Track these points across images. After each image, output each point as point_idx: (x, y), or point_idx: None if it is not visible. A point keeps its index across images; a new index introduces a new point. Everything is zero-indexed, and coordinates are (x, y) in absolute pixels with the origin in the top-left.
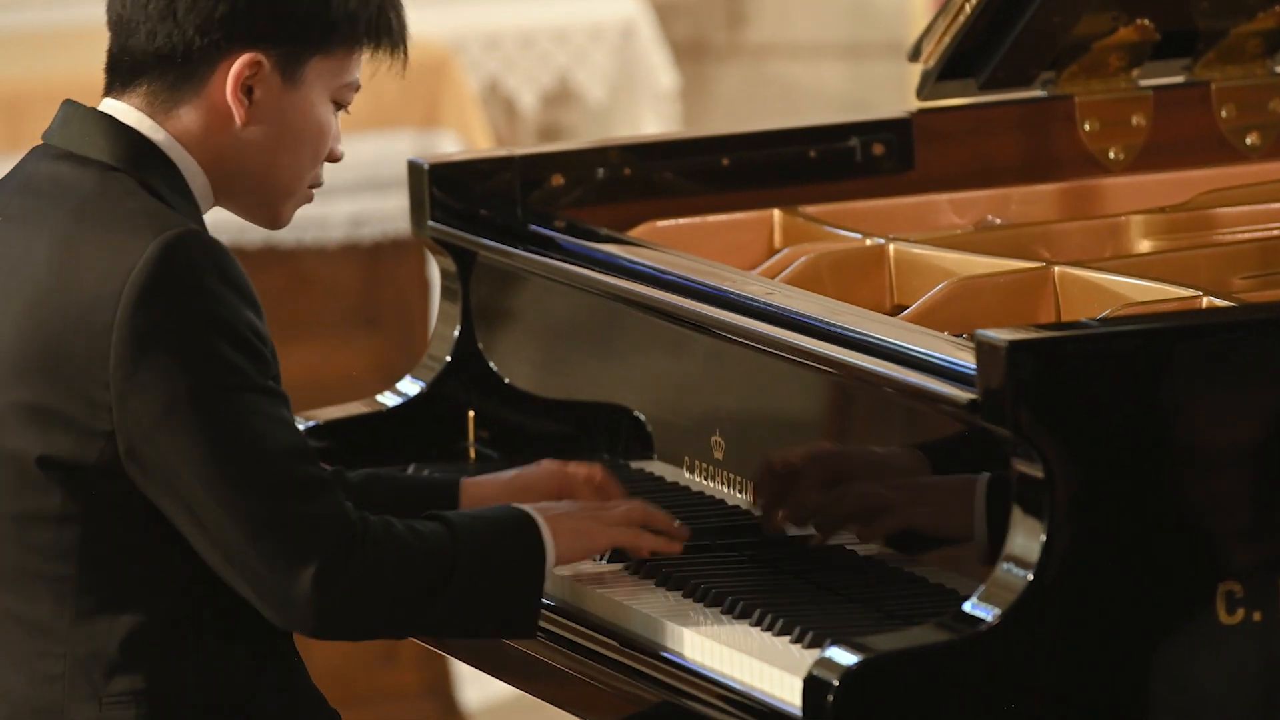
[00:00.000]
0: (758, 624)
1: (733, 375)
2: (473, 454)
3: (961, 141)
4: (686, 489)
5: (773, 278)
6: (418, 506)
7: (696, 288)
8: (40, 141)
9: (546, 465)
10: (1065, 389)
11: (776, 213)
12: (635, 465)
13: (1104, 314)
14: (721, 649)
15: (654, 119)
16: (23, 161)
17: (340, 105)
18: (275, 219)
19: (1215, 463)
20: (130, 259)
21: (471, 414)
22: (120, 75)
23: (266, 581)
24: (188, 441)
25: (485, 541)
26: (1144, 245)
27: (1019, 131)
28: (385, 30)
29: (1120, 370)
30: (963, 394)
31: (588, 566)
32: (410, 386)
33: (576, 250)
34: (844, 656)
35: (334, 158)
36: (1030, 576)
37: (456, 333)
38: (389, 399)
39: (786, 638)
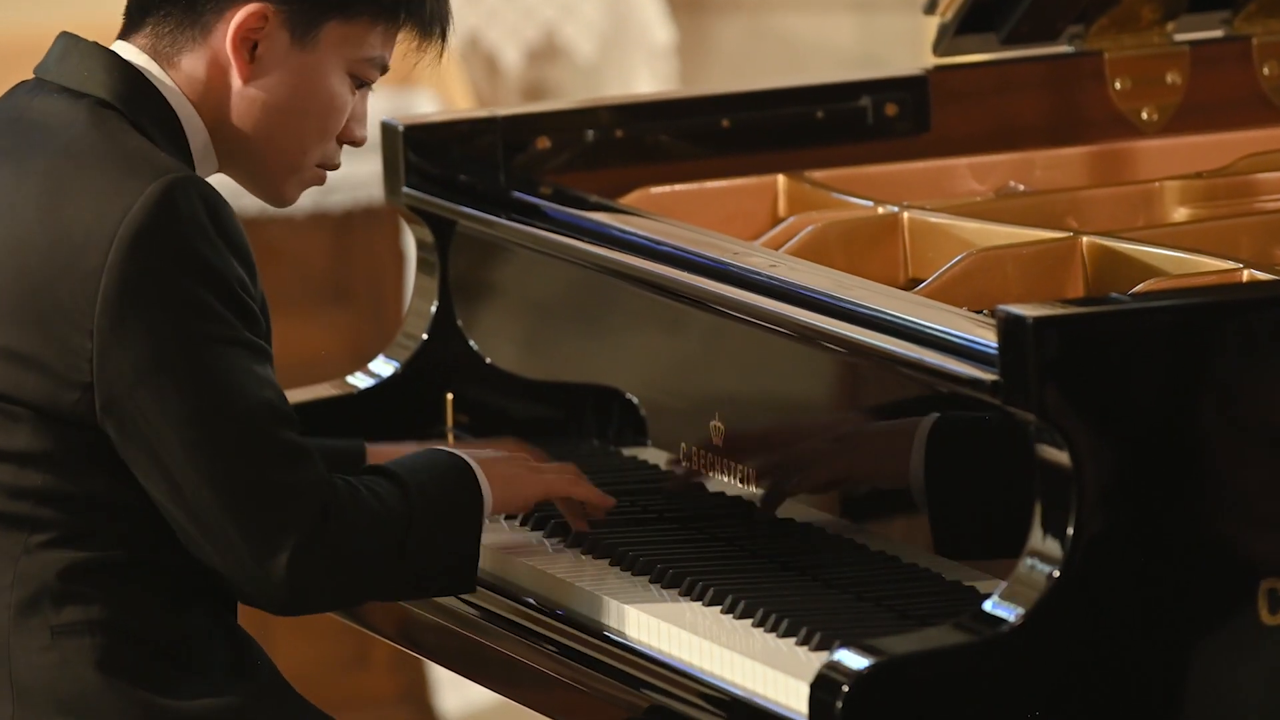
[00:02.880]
0: (760, 624)
1: (733, 354)
2: (451, 439)
3: (981, 101)
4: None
5: (777, 249)
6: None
7: (694, 260)
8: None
9: (506, 442)
10: (1094, 369)
11: (781, 178)
12: (628, 452)
13: (1136, 288)
14: (721, 651)
15: (648, 76)
16: (11, 94)
17: (361, 81)
18: (278, 194)
19: (1256, 449)
20: (126, 201)
21: (450, 396)
22: (131, 15)
23: (240, 554)
24: (172, 398)
25: (432, 494)
26: (1180, 214)
27: (1044, 90)
28: (415, 10)
29: (1154, 349)
30: (983, 375)
31: (583, 563)
32: (383, 367)
33: (564, 219)
34: (854, 659)
35: (351, 139)
36: (1055, 573)
37: (433, 309)
38: (360, 380)
39: (792, 639)
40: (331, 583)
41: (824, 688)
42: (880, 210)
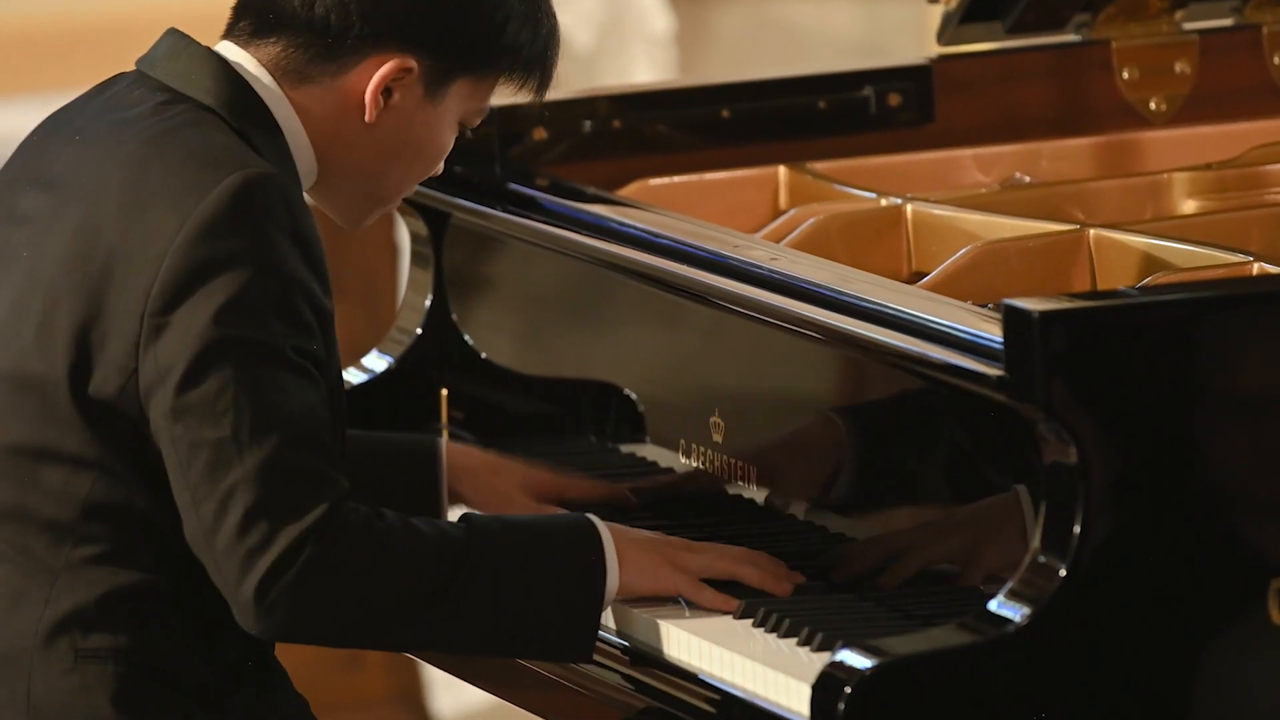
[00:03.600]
0: (761, 624)
1: (733, 350)
2: (446, 436)
3: (986, 91)
4: (684, 474)
5: (778, 241)
6: (388, 469)
7: (693, 253)
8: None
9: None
10: (1101, 365)
11: (782, 170)
12: (626, 449)
13: (1144, 281)
14: (721, 652)
15: (646, 66)
16: (110, 84)
17: (466, 127)
18: (359, 220)
19: (1267, 446)
20: (204, 189)
21: (444, 392)
22: (254, 23)
23: (226, 567)
24: (198, 396)
25: (516, 546)
26: (1189, 206)
27: (1050, 80)
28: (540, 69)
29: (1162, 344)
30: (988, 370)
31: None
32: (376, 362)
33: (561, 211)
34: (857, 660)
35: (436, 174)
36: (1062, 572)
37: (428, 303)
38: (353, 376)
39: (793, 640)
40: (311, 611)
41: (826, 689)
42: (883, 202)
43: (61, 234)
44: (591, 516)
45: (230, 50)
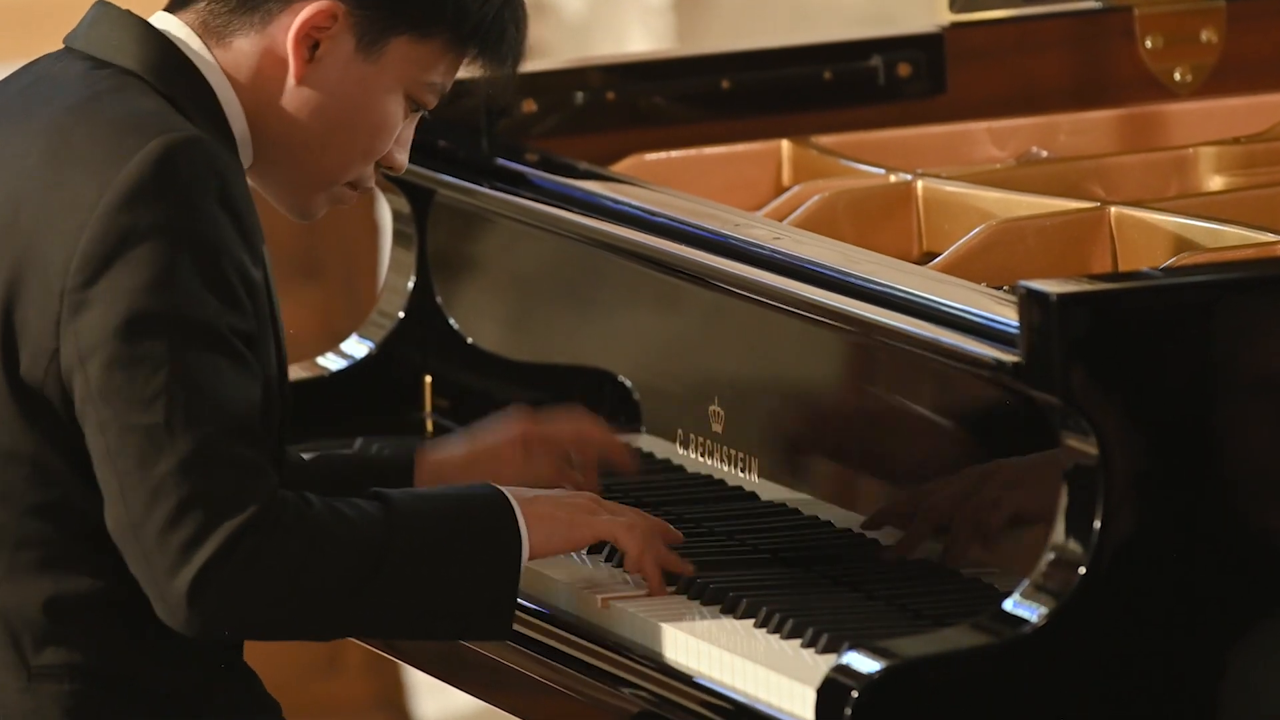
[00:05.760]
0: (763, 625)
1: (734, 334)
2: (430, 426)
3: (1001, 61)
4: (680, 468)
5: (781, 220)
6: (366, 487)
7: (692, 232)
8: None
9: (513, 423)
10: (1123, 350)
11: (785, 144)
12: (621, 439)
13: (1169, 262)
14: (721, 654)
15: (642, 34)
16: (35, 62)
17: (417, 105)
18: (304, 208)
19: None
20: (126, 155)
21: (428, 379)
22: None
23: (152, 559)
24: (121, 376)
25: (433, 526)
26: (1215, 182)
27: (1069, 49)
28: (495, 39)
29: (1188, 328)
30: (1004, 356)
31: (570, 559)
32: (357, 347)
33: (551, 188)
34: (864, 663)
35: (391, 164)
36: (1082, 569)
37: (411, 284)
38: (332, 362)
39: (797, 641)
40: (243, 606)
41: (831, 693)
42: (892, 178)
43: None
44: (501, 488)
45: (159, 18)
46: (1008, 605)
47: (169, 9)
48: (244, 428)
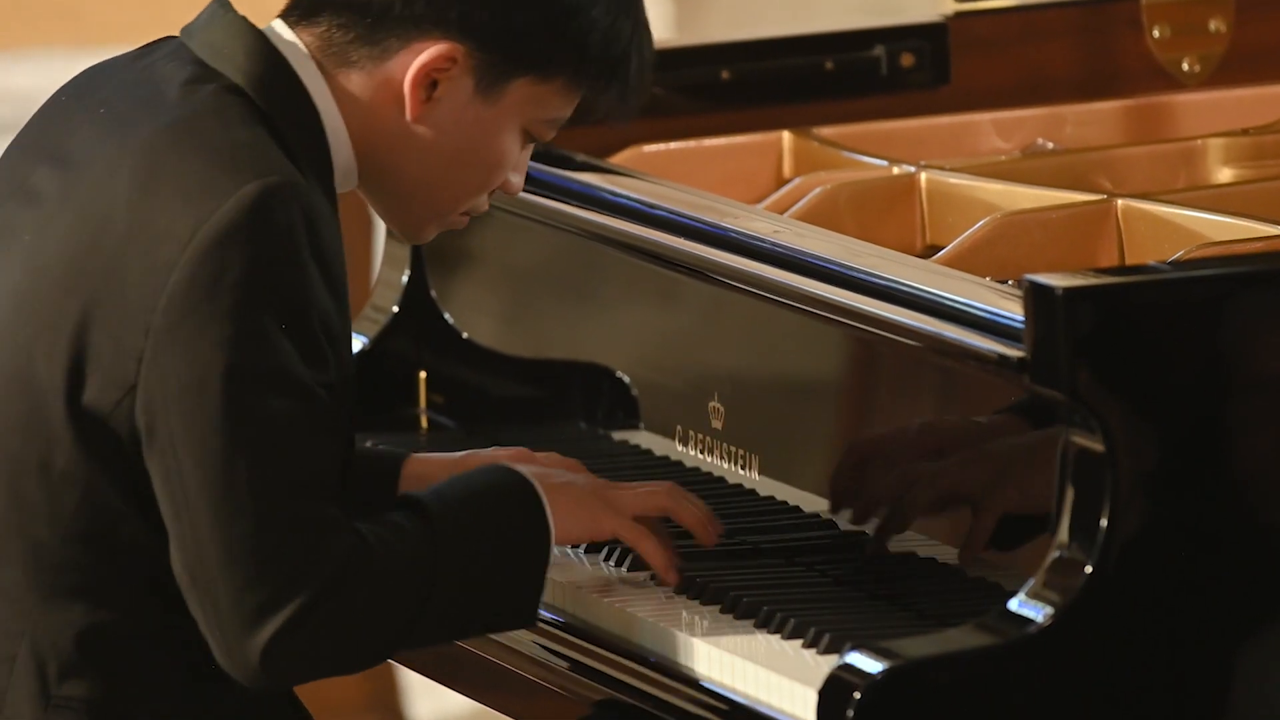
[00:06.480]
0: (764, 625)
1: (734, 329)
2: (424, 422)
3: (1007, 50)
4: (679, 464)
5: (782, 213)
6: (352, 485)
7: (691, 225)
8: (176, 35)
9: (508, 451)
10: (1130, 345)
11: (786, 135)
12: (618, 436)
13: (1177, 256)
14: (720, 655)
15: None
16: (148, 50)
17: (532, 138)
18: (415, 233)
19: None
20: (220, 196)
21: (423, 375)
22: (304, 1)
23: (224, 617)
24: (201, 427)
25: (470, 525)
26: (1224, 174)
27: (1075, 38)
28: (620, 76)
29: (1196, 323)
30: (1008, 351)
31: (566, 558)
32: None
33: (548, 180)
34: (867, 663)
35: (508, 191)
36: (1088, 568)
37: (405, 278)
38: None
39: (798, 641)
40: (317, 662)
41: (833, 694)
42: (895, 170)
43: (65, 221)
44: (523, 472)
45: (277, 28)
46: (1013, 605)
47: (289, 19)
48: (322, 485)
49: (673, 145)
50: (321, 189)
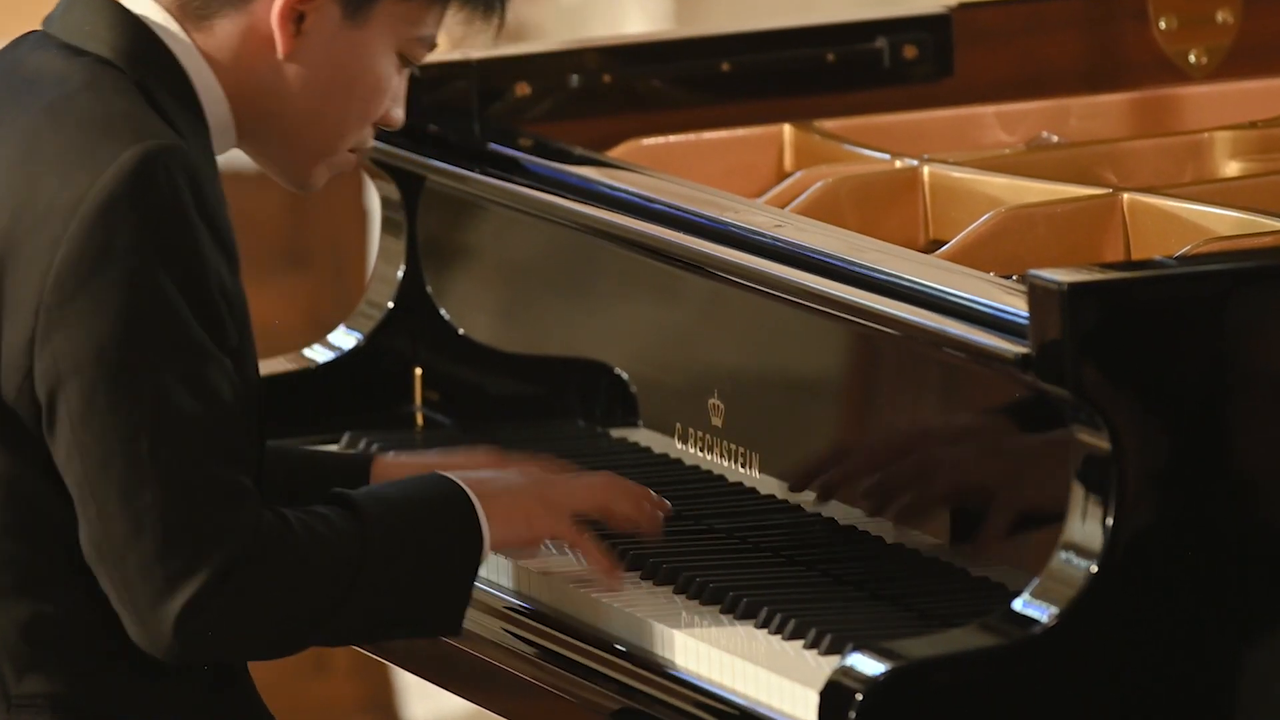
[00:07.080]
0: (764, 626)
1: (734, 325)
2: (420, 419)
3: (1011, 42)
4: (679, 462)
5: (783, 207)
6: (321, 486)
7: (690, 219)
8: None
9: (482, 453)
10: (1136, 341)
11: (787, 128)
12: (617, 434)
13: (1183, 250)
14: (720, 655)
15: (638, 15)
16: (13, 46)
17: (408, 61)
18: (303, 179)
19: None
20: (99, 165)
21: (419, 371)
22: None
23: (134, 589)
24: (100, 399)
25: (401, 530)
26: (1231, 167)
27: (1080, 30)
28: None
29: (1203, 319)
30: (1012, 347)
31: (562, 557)
32: (344, 339)
33: (545, 174)
34: (869, 664)
35: (390, 123)
36: (1093, 568)
37: (400, 274)
38: (319, 353)
39: (799, 642)
40: (232, 636)
41: (835, 696)
42: (898, 164)
43: None
44: (455, 479)
45: (136, 2)
46: (1017, 605)
47: None
48: (228, 451)
49: (672, 138)
50: (201, 150)
